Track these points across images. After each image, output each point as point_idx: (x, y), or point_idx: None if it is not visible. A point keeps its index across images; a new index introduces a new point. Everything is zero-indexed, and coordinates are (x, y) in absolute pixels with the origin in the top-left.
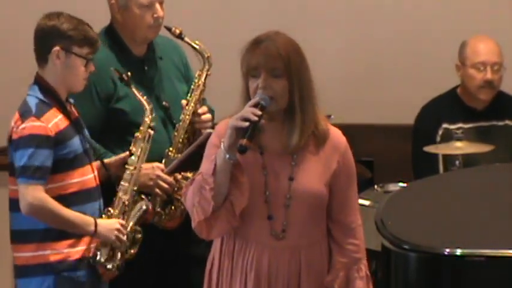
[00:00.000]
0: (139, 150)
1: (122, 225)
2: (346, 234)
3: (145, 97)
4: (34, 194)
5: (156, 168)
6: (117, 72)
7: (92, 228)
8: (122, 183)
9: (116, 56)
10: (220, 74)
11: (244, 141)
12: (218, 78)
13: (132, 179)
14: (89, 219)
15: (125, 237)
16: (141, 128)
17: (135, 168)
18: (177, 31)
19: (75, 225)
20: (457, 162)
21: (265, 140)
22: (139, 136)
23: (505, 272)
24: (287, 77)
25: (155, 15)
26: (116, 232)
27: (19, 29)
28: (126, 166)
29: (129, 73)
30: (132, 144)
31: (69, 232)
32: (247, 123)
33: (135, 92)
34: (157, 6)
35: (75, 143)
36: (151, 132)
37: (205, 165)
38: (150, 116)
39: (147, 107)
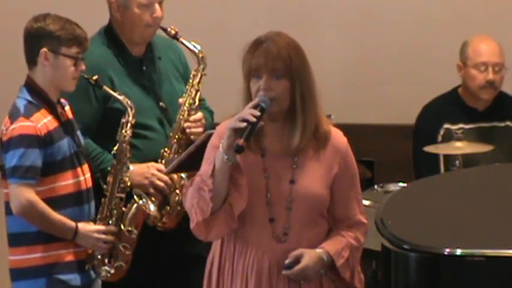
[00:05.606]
0: (119, 151)
1: (99, 231)
2: (351, 227)
3: (122, 96)
4: (25, 194)
5: (152, 167)
6: (84, 77)
7: (71, 235)
8: (104, 186)
9: (114, 56)
10: (220, 75)
11: (240, 141)
12: (218, 79)
13: (115, 181)
14: (70, 226)
15: (104, 245)
16: (122, 129)
17: (116, 169)
18: (173, 32)
19: (56, 229)
20: (457, 162)
21: (266, 142)
22: (120, 138)
23: (505, 272)
24: (288, 77)
25: (154, 15)
26: (92, 240)
27: (19, 31)
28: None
29: (95, 76)
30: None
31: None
32: (244, 124)
33: (111, 92)
34: (157, 6)
35: (65, 144)
36: (129, 132)
37: (205, 167)
38: (130, 117)
39: (127, 107)
